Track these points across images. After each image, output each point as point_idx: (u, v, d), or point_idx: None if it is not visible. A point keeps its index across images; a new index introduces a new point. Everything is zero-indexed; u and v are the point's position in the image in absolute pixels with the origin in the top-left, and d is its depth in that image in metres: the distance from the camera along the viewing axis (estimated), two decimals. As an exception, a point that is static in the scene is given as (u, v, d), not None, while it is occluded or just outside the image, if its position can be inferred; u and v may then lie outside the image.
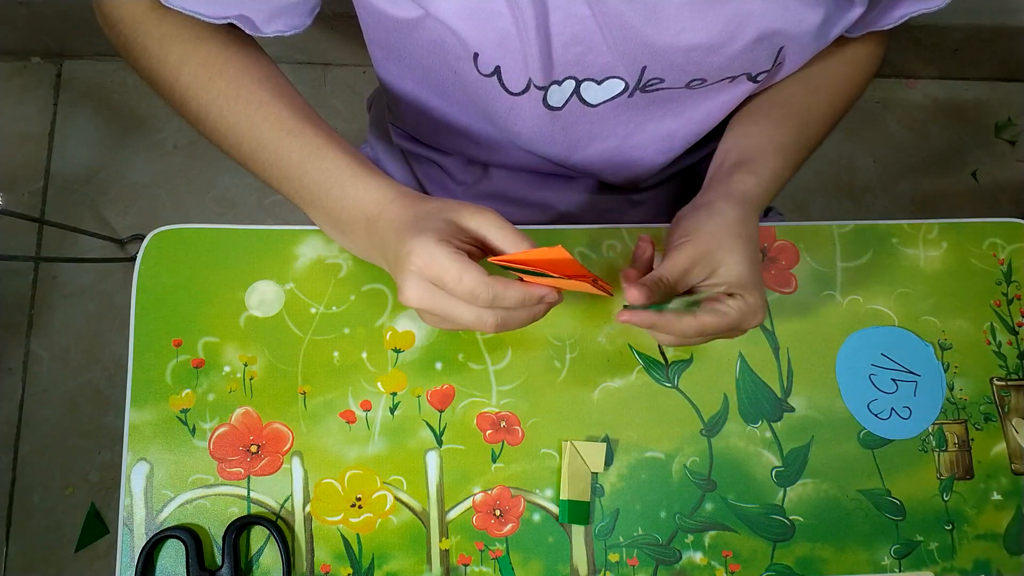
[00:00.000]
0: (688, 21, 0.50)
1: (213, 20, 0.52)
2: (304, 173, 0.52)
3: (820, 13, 0.52)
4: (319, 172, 0.52)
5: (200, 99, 0.53)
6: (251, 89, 0.53)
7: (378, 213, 0.50)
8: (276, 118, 0.52)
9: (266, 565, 0.57)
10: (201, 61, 0.53)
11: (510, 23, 0.49)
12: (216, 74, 0.53)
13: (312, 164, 0.52)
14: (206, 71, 0.53)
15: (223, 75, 0.53)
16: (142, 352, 0.59)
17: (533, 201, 0.73)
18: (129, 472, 0.57)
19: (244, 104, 0.53)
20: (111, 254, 1.35)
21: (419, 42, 0.55)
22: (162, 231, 0.62)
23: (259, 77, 0.54)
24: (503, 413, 0.61)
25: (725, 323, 0.52)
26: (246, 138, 0.53)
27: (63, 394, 1.30)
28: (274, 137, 0.52)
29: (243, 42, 0.56)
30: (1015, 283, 0.68)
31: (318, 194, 0.52)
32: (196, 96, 0.53)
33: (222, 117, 0.53)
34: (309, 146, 0.52)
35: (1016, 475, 0.63)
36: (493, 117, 0.61)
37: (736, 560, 0.60)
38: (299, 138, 0.52)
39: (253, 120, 0.52)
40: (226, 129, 0.53)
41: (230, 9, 0.52)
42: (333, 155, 0.52)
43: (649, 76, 0.55)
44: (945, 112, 1.56)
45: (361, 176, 0.51)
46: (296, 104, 0.54)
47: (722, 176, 0.59)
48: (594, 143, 0.63)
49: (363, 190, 0.51)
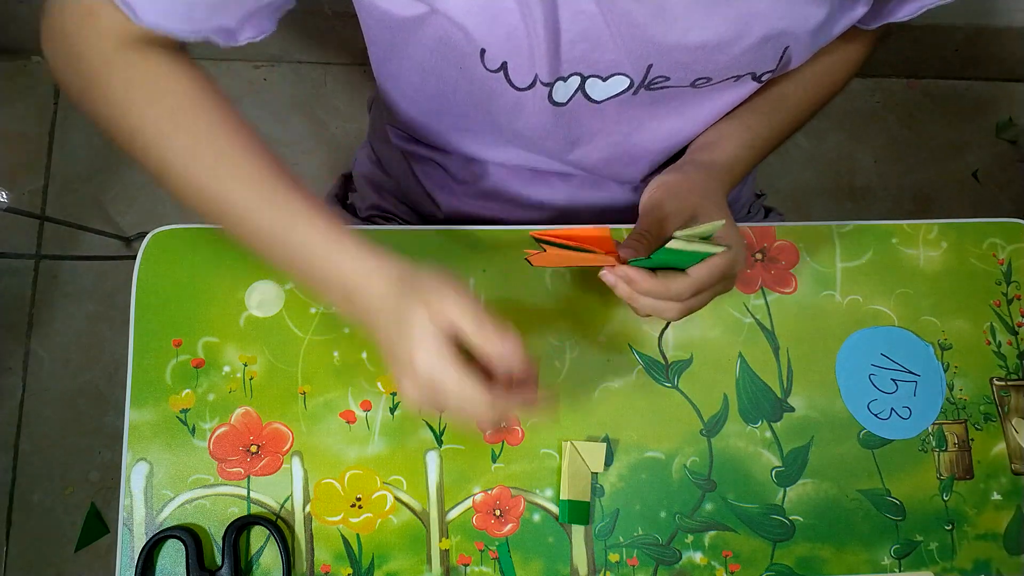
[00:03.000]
0: (696, 19, 0.50)
1: (190, 37, 0.50)
2: (276, 239, 0.50)
3: (824, 11, 0.52)
4: (294, 239, 0.49)
5: (169, 151, 0.50)
6: (219, 143, 0.50)
7: (355, 285, 0.49)
8: (247, 178, 0.50)
9: (266, 565, 0.57)
10: (168, 109, 0.50)
11: (519, 19, 0.49)
12: (187, 124, 0.50)
13: (286, 230, 0.49)
14: (170, 122, 0.50)
15: (195, 124, 0.50)
16: (142, 352, 0.59)
17: (533, 198, 0.73)
18: (129, 472, 0.57)
19: (212, 162, 0.50)
20: (114, 252, 1.35)
21: (422, 40, 0.55)
22: (162, 231, 0.62)
23: (228, 129, 0.51)
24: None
25: (717, 272, 0.52)
26: (214, 198, 0.50)
27: (63, 394, 1.30)
28: (245, 198, 0.49)
29: (210, 88, 0.52)
30: (1015, 283, 0.67)
31: (292, 259, 0.50)
32: (166, 146, 0.50)
33: (186, 170, 0.50)
34: (283, 211, 0.49)
35: (1016, 475, 0.63)
36: (496, 114, 0.61)
37: (736, 560, 0.60)
38: (271, 202, 0.49)
39: (221, 179, 0.50)
40: (191, 186, 0.50)
41: (205, 24, 0.50)
42: (307, 221, 0.49)
43: (655, 74, 0.55)
44: (946, 112, 1.56)
45: (338, 244, 0.49)
46: (266, 161, 0.51)
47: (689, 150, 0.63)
48: (597, 139, 0.64)
49: (339, 259, 0.49)
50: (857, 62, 0.68)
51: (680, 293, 0.51)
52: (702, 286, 0.52)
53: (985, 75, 1.56)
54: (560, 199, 0.73)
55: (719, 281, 0.52)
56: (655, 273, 0.51)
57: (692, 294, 0.52)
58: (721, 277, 0.52)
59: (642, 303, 0.52)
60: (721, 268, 0.52)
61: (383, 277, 0.48)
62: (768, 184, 1.47)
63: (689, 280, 0.51)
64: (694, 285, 0.51)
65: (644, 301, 0.52)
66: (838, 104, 1.50)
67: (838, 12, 0.53)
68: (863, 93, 1.54)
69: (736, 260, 0.52)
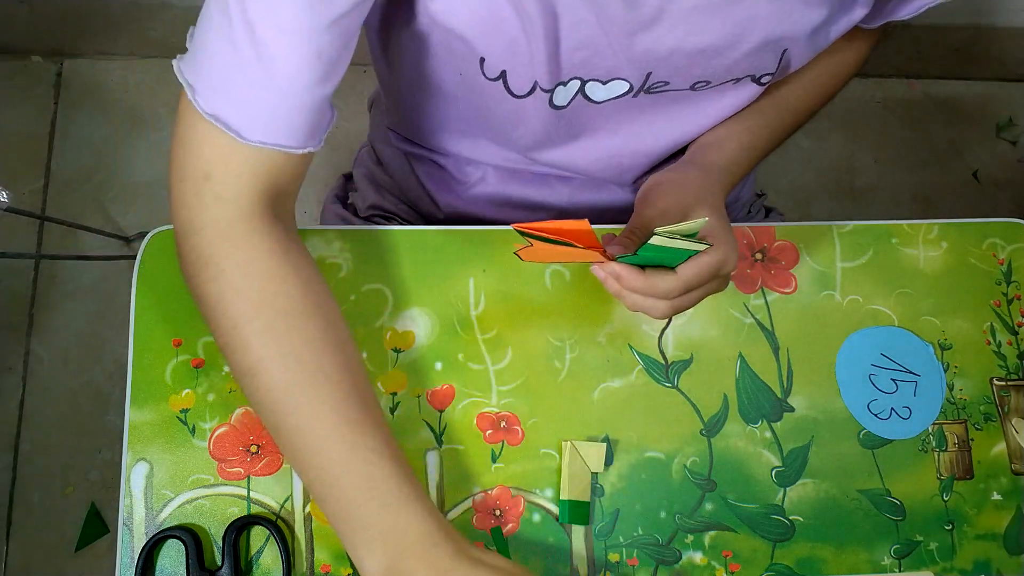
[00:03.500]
0: (695, 25, 0.50)
1: (298, 151, 0.49)
2: (337, 477, 0.48)
3: (823, 14, 0.52)
4: (355, 478, 0.48)
5: (267, 351, 0.48)
6: (320, 358, 0.49)
7: (402, 551, 0.46)
8: (335, 407, 0.48)
9: (266, 565, 0.57)
10: (281, 308, 0.49)
11: (519, 30, 0.50)
12: (292, 329, 0.49)
13: (353, 468, 0.48)
14: (284, 321, 0.48)
15: (301, 332, 0.49)
16: (142, 352, 0.59)
17: (533, 200, 0.73)
18: (129, 472, 0.57)
19: (308, 377, 0.48)
20: (114, 252, 1.35)
21: (422, 49, 0.55)
22: (162, 231, 0.62)
23: (332, 344, 0.50)
24: (503, 413, 0.61)
25: (706, 270, 0.51)
26: (295, 411, 0.48)
27: (63, 393, 1.30)
28: (323, 424, 0.48)
29: (321, 283, 0.52)
30: (1015, 283, 0.67)
31: (345, 504, 0.48)
32: (263, 345, 0.48)
33: (280, 379, 0.48)
34: (356, 450, 0.48)
35: (1016, 475, 0.63)
36: (496, 119, 0.61)
37: (736, 560, 0.60)
38: (349, 436, 0.48)
39: (312, 399, 0.48)
40: (277, 393, 0.49)
41: (312, 137, 0.50)
42: (379, 468, 0.48)
43: (654, 79, 0.55)
44: (946, 112, 1.56)
45: (419, 512, 0.47)
46: (359, 393, 0.50)
47: (689, 151, 0.63)
48: (597, 137, 0.64)
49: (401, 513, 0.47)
50: (858, 62, 0.68)
51: (668, 291, 0.51)
52: (690, 285, 0.51)
53: (986, 75, 1.56)
54: (560, 201, 0.73)
55: (708, 280, 0.52)
56: (644, 270, 0.50)
57: (680, 292, 0.51)
58: (710, 276, 0.52)
59: (630, 300, 0.52)
60: (710, 267, 0.51)
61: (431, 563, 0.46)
62: (768, 184, 1.47)
63: (677, 278, 0.51)
64: (682, 283, 0.51)
65: (632, 298, 0.52)
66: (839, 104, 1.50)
67: (837, 14, 0.53)
68: (864, 93, 1.54)
69: (726, 260, 0.52)
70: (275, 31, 0.45)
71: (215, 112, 0.47)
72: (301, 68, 0.46)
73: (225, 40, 0.46)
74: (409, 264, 0.63)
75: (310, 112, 0.49)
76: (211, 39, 0.47)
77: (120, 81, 1.44)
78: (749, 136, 0.62)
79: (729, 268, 0.53)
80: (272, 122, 0.48)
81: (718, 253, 0.52)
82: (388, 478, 0.47)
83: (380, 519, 0.47)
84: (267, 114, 0.48)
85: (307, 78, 0.47)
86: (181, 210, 0.50)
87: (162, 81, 1.44)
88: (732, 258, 0.53)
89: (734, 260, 0.53)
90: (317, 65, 0.46)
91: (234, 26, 0.45)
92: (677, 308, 0.53)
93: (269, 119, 0.48)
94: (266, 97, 0.47)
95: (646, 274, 0.50)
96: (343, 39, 0.47)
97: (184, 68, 0.49)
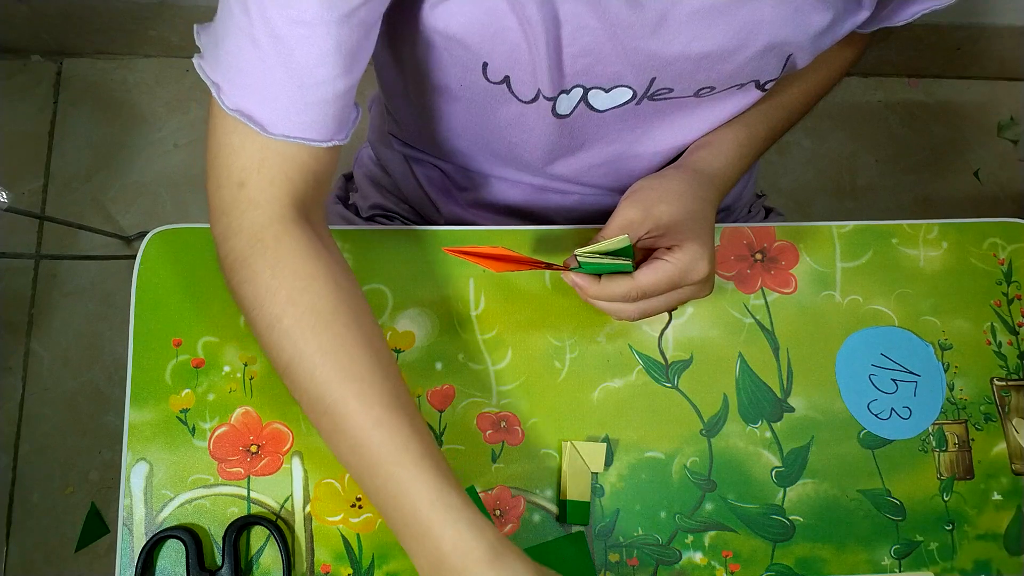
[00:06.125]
0: (699, 30, 0.50)
1: (323, 144, 0.50)
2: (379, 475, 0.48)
3: (828, 17, 0.51)
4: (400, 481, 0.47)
5: (297, 349, 0.49)
6: (351, 354, 0.49)
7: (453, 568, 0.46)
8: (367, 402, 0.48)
9: (266, 565, 0.57)
10: (309, 305, 0.49)
11: (520, 36, 0.50)
12: (320, 326, 0.49)
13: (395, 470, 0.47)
14: (311, 318, 0.49)
15: (328, 328, 0.49)
16: (142, 352, 0.59)
17: (533, 209, 0.73)
18: (129, 472, 0.57)
19: (339, 373, 0.48)
20: (114, 252, 1.35)
21: (425, 55, 0.55)
22: (162, 230, 0.62)
23: (361, 341, 0.50)
24: (503, 413, 0.61)
25: (664, 277, 0.53)
26: (329, 410, 0.49)
27: (63, 393, 1.30)
28: (362, 424, 0.48)
29: (351, 283, 0.53)
30: (1015, 283, 0.67)
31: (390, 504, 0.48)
32: (294, 344, 0.49)
33: (312, 377, 0.48)
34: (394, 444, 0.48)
35: (1016, 475, 0.63)
36: (498, 128, 0.61)
37: (736, 560, 0.60)
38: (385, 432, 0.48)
39: (344, 394, 0.48)
40: (312, 391, 0.49)
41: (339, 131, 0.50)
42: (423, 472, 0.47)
43: (658, 86, 0.55)
44: (947, 111, 1.56)
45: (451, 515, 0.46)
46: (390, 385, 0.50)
47: (688, 151, 0.63)
48: (599, 146, 0.63)
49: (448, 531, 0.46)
50: (852, 62, 0.69)
51: (624, 296, 0.53)
52: (645, 292, 0.53)
53: (986, 74, 1.56)
54: (561, 210, 0.73)
55: (670, 287, 0.54)
56: (599, 278, 0.53)
57: (638, 298, 0.53)
58: (670, 283, 0.53)
59: (597, 304, 0.55)
60: (668, 274, 0.53)
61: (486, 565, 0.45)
62: (769, 184, 1.47)
63: (631, 284, 0.53)
64: (638, 289, 0.53)
65: (597, 303, 0.55)
66: (839, 104, 1.51)
67: (841, 18, 0.53)
68: (864, 92, 1.54)
69: (691, 267, 0.53)
70: (293, 24, 0.45)
71: (240, 107, 0.48)
72: (322, 60, 0.46)
73: (245, 36, 0.46)
74: (409, 264, 0.63)
75: (333, 105, 0.49)
76: (231, 36, 0.47)
77: (120, 81, 1.44)
78: (746, 135, 0.62)
79: (697, 275, 0.54)
80: (295, 115, 0.48)
81: (679, 261, 0.53)
82: (419, 481, 0.47)
83: (416, 524, 0.47)
84: (290, 107, 0.48)
85: (328, 70, 0.47)
86: (220, 217, 0.51)
87: (162, 81, 1.44)
88: (700, 265, 0.54)
89: (703, 267, 0.54)
90: (337, 57, 0.47)
91: (253, 21, 0.45)
92: (645, 312, 0.55)
93: (292, 112, 0.48)
94: (288, 90, 0.47)
95: (601, 281, 0.53)
96: (362, 30, 0.47)
97: (206, 67, 0.50)
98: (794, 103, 0.66)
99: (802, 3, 0.50)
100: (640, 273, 0.53)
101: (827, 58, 0.65)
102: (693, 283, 0.54)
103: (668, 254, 0.53)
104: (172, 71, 1.45)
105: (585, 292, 0.54)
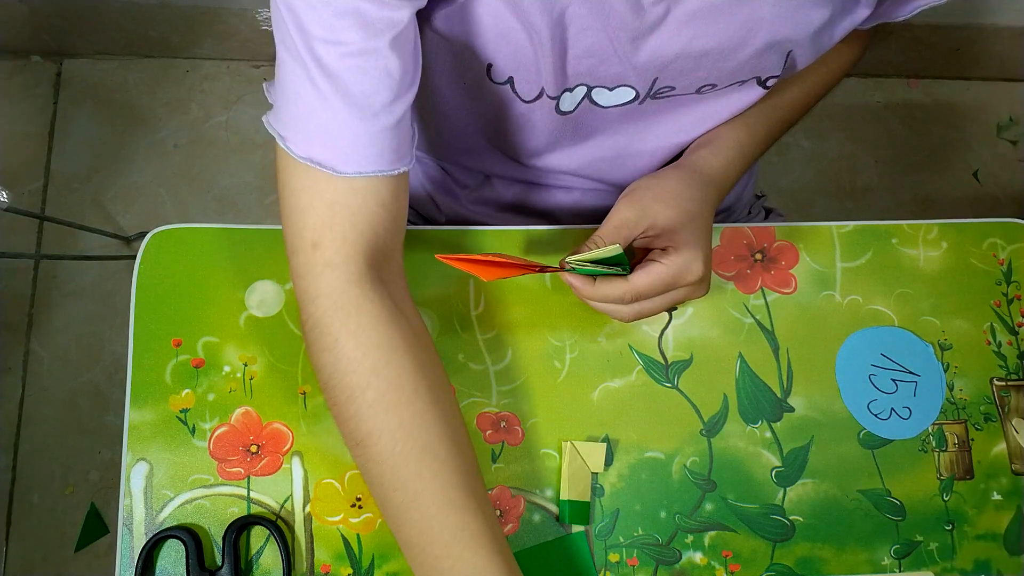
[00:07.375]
0: (700, 29, 0.50)
1: (392, 173, 0.50)
2: (451, 557, 0.48)
3: (826, 13, 0.52)
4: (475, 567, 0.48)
5: (377, 423, 0.49)
6: (430, 435, 0.49)
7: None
8: (446, 482, 0.49)
9: (266, 565, 0.57)
10: (393, 380, 0.49)
11: (524, 38, 0.50)
12: (403, 402, 0.49)
13: (468, 555, 0.48)
14: (395, 394, 0.49)
15: (410, 405, 0.49)
16: (142, 352, 0.59)
17: (535, 207, 0.73)
18: (129, 472, 0.57)
19: (417, 453, 0.49)
20: (114, 252, 1.35)
21: (429, 56, 0.55)
22: (162, 230, 0.62)
23: (440, 418, 0.50)
24: (503, 413, 0.61)
25: (659, 279, 0.53)
26: (405, 485, 0.49)
27: (63, 393, 1.30)
28: (429, 504, 0.48)
29: (430, 353, 0.53)
30: (1015, 283, 0.67)
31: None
32: (375, 417, 0.49)
33: (392, 452, 0.49)
34: (459, 535, 0.48)
35: (1016, 475, 0.63)
36: (501, 126, 0.61)
37: (736, 560, 0.60)
38: (453, 519, 0.48)
39: (422, 471, 0.49)
40: (390, 465, 0.49)
41: (403, 157, 0.50)
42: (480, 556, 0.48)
43: (660, 85, 0.55)
44: (947, 112, 1.56)
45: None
46: (466, 465, 0.50)
47: (689, 149, 0.63)
48: (601, 139, 0.64)
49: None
50: (853, 61, 0.69)
51: (619, 298, 0.53)
52: (640, 294, 0.53)
53: (986, 75, 1.56)
54: (563, 208, 0.73)
55: (664, 289, 0.54)
56: (595, 279, 0.54)
57: (633, 299, 0.53)
58: (665, 286, 0.53)
59: (592, 305, 0.55)
60: (662, 277, 0.53)
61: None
62: (769, 184, 1.47)
63: (626, 286, 0.53)
64: (632, 291, 0.53)
65: (593, 304, 0.55)
66: (839, 104, 1.51)
67: (840, 14, 0.53)
68: (864, 93, 1.54)
69: (686, 269, 0.53)
70: (343, 58, 0.45)
71: (308, 155, 0.48)
72: (376, 88, 0.47)
73: (303, 81, 0.47)
74: (409, 264, 0.63)
75: (395, 131, 0.49)
76: (289, 85, 0.48)
77: (119, 81, 1.44)
78: (746, 134, 0.62)
79: (692, 277, 0.54)
80: (362, 147, 0.48)
81: (674, 263, 0.53)
82: (487, 568, 0.48)
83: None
84: (356, 142, 0.48)
85: (383, 96, 0.47)
86: (299, 281, 0.51)
87: (162, 81, 1.44)
88: (694, 267, 0.54)
89: (697, 269, 0.54)
90: (390, 82, 0.47)
91: (307, 66, 0.46)
92: (641, 313, 0.55)
93: (359, 146, 0.48)
94: (351, 125, 0.47)
95: (596, 283, 0.53)
96: (407, 49, 0.48)
97: (272, 120, 0.50)
98: (794, 103, 0.66)
99: (801, 0, 0.50)
100: (635, 276, 0.53)
101: (827, 58, 0.65)
102: (688, 284, 0.54)
103: (663, 256, 0.54)
104: (172, 71, 1.45)
105: (579, 293, 0.54)
